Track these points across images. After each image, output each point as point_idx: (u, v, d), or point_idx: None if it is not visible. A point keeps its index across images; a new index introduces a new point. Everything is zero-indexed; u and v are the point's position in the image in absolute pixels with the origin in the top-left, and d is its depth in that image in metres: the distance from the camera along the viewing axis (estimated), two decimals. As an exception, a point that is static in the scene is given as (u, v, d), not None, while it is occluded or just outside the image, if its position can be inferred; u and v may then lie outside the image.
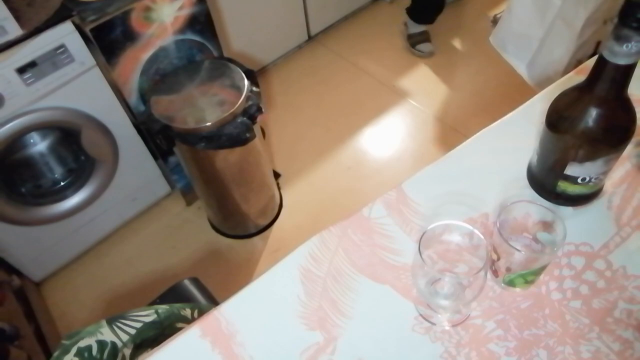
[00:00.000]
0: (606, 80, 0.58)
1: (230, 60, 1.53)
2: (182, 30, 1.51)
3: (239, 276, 1.75)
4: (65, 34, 1.32)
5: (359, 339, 0.66)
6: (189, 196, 1.94)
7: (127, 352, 0.80)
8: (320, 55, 2.49)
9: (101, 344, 0.78)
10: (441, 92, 2.24)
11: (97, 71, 1.43)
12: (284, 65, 2.45)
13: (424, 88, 2.27)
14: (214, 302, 1.08)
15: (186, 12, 1.49)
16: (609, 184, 0.77)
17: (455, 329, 0.66)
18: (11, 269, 1.64)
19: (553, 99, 0.67)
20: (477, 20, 2.52)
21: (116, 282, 1.78)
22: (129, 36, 1.40)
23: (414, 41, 2.38)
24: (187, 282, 1.10)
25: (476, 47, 2.40)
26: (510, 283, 0.66)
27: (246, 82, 1.43)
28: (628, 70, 0.57)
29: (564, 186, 0.71)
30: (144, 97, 1.54)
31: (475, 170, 0.82)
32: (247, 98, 1.42)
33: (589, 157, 0.65)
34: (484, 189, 0.79)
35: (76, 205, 1.64)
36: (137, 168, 1.75)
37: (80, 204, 1.64)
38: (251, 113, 1.42)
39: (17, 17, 1.24)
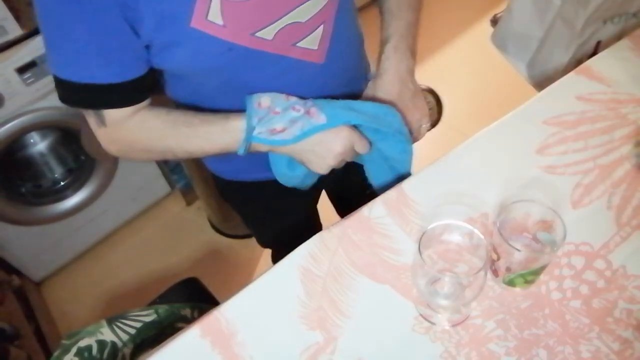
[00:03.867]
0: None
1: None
2: (182, 30, 1.51)
3: (239, 276, 1.75)
4: (65, 34, 1.32)
5: (359, 339, 0.66)
6: (189, 196, 1.94)
7: (127, 352, 0.80)
8: (320, 55, 2.48)
9: (101, 344, 0.78)
10: (441, 92, 2.24)
11: (97, 71, 1.43)
12: (284, 65, 2.45)
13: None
14: (214, 302, 1.08)
15: (186, 12, 1.48)
16: (609, 183, 0.78)
17: (455, 329, 0.66)
18: (11, 269, 1.64)
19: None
20: (477, 20, 2.52)
21: (116, 282, 1.78)
22: (129, 36, 1.40)
23: None
24: (187, 282, 1.10)
25: (476, 47, 2.40)
26: (510, 283, 0.66)
27: (246, 82, 1.43)
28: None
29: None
30: (144, 97, 1.54)
31: (475, 170, 0.82)
32: (247, 98, 1.42)
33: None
34: (484, 189, 0.79)
35: (76, 205, 1.63)
36: (137, 168, 1.75)
37: (80, 204, 1.64)
38: (251, 113, 1.42)
39: (17, 17, 1.24)
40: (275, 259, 1.13)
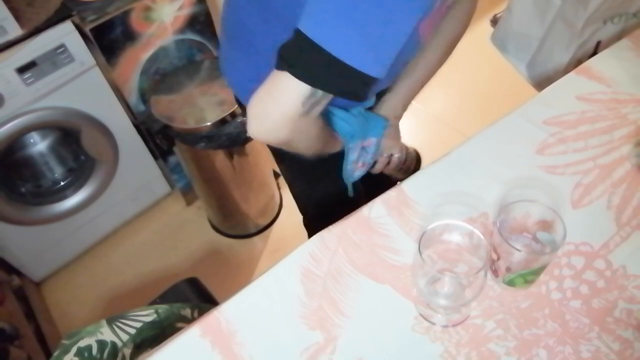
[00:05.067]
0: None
1: (230, 60, 1.53)
2: (182, 30, 1.51)
3: (239, 276, 1.75)
4: (65, 33, 1.31)
5: (359, 339, 0.66)
6: (189, 196, 1.94)
7: (127, 352, 0.80)
8: (320, 55, 2.48)
9: (101, 344, 0.78)
10: (441, 92, 2.24)
11: (97, 71, 1.43)
12: (284, 65, 2.44)
13: (423, 88, 2.26)
14: (214, 302, 1.08)
15: (186, 11, 1.49)
16: (609, 183, 0.77)
17: (455, 329, 0.66)
18: (11, 269, 1.64)
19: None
20: (477, 20, 2.52)
21: (116, 282, 1.78)
22: (129, 36, 1.40)
23: None
24: (187, 282, 1.10)
25: (476, 47, 2.40)
26: (510, 283, 0.66)
27: (246, 82, 1.43)
28: None
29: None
30: (144, 97, 1.54)
31: (475, 170, 0.82)
32: (247, 98, 1.42)
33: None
34: (484, 189, 0.79)
35: (76, 205, 1.63)
36: (137, 168, 1.75)
37: (80, 204, 1.64)
38: (251, 113, 1.42)
39: (17, 17, 1.24)
40: (312, 231, 1.17)
